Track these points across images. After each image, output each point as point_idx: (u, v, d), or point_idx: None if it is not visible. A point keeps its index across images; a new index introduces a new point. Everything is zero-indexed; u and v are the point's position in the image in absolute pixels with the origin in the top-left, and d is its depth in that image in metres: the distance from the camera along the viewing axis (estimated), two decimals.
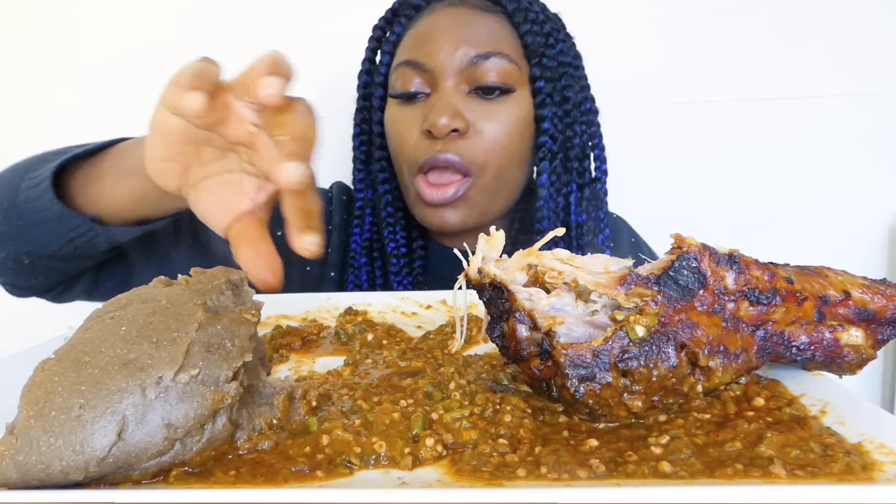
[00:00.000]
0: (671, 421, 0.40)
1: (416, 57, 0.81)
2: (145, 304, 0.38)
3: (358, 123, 0.92)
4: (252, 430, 0.38)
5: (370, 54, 0.90)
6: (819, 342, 0.43)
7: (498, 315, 0.42)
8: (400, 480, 0.34)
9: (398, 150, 0.84)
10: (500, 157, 0.81)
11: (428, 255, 0.92)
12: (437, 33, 0.81)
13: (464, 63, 0.78)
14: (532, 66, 0.82)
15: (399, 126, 0.83)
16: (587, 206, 0.88)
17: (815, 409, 0.41)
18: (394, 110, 0.84)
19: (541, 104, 0.82)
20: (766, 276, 0.43)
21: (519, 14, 0.82)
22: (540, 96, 0.82)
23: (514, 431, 0.38)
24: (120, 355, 0.34)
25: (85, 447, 0.32)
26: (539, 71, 0.82)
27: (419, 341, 0.58)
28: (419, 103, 0.82)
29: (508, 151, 0.81)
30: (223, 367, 0.36)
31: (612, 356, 0.38)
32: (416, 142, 0.81)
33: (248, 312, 0.40)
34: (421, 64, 0.80)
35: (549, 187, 0.85)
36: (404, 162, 0.83)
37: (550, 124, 0.83)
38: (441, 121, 0.76)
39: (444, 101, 0.78)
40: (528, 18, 0.82)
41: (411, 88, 0.81)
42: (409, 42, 0.84)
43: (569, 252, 0.43)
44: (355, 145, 0.92)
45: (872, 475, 0.33)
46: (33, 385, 0.34)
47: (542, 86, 0.82)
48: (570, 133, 0.86)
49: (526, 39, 0.82)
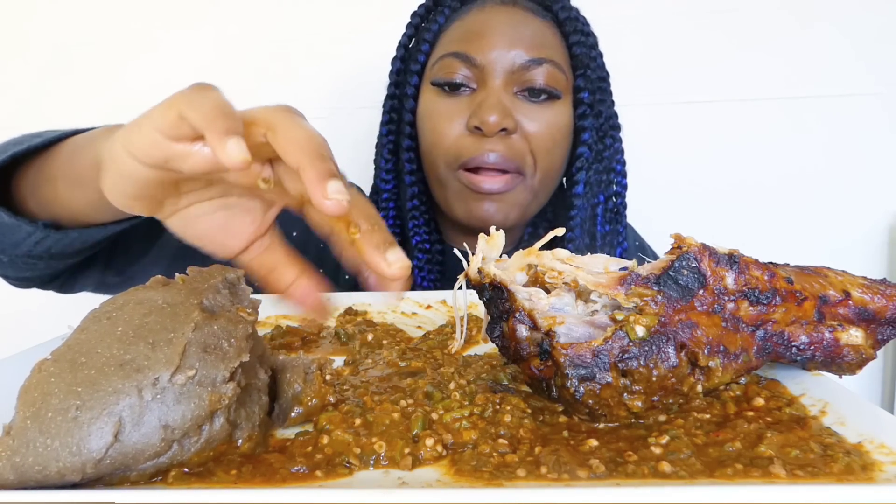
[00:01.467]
0: (671, 421, 0.40)
1: (466, 50, 0.80)
2: (141, 304, 0.38)
3: (388, 111, 0.90)
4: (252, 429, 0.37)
5: (406, 41, 0.89)
6: (819, 342, 0.43)
7: (498, 315, 0.42)
8: (400, 480, 0.34)
9: (435, 141, 0.82)
10: (544, 161, 0.82)
11: (445, 261, 0.91)
12: (490, 30, 0.80)
13: (516, 65, 0.78)
14: (577, 77, 0.83)
15: (438, 117, 0.82)
16: (610, 216, 0.90)
17: (815, 409, 0.41)
18: (433, 100, 0.83)
19: (582, 115, 0.83)
20: (766, 276, 0.43)
21: (570, 23, 0.83)
22: (582, 107, 0.83)
23: (514, 431, 0.38)
24: (116, 356, 0.34)
25: (81, 449, 0.32)
26: (583, 82, 0.83)
27: (419, 341, 0.58)
28: (463, 97, 0.81)
29: (552, 155, 0.82)
30: (220, 368, 0.35)
31: (612, 356, 0.38)
32: (458, 136, 0.80)
33: (244, 311, 0.40)
34: (471, 58, 0.79)
35: (584, 197, 0.86)
36: (441, 155, 0.82)
37: (590, 136, 0.84)
38: (492, 118, 0.76)
39: (495, 99, 0.78)
40: (577, 29, 0.83)
41: (456, 79, 0.80)
42: (457, 34, 0.83)
43: (569, 252, 0.43)
44: (382, 133, 0.90)
45: (872, 475, 0.33)
46: (30, 386, 0.34)
47: (585, 97, 0.83)
48: (601, 146, 0.88)
49: (574, 50, 0.83)
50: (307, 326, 0.62)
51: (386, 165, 0.90)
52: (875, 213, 1.25)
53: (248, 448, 0.37)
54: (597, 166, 0.88)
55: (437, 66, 0.82)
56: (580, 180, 0.85)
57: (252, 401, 0.39)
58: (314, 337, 0.61)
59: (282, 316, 0.66)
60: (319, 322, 0.46)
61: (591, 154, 0.85)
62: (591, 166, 0.86)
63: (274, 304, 0.65)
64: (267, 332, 0.61)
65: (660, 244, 1.00)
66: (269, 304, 0.59)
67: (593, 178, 0.87)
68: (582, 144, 0.84)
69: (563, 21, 0.84)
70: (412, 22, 0.89)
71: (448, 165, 0.81)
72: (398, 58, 0.89)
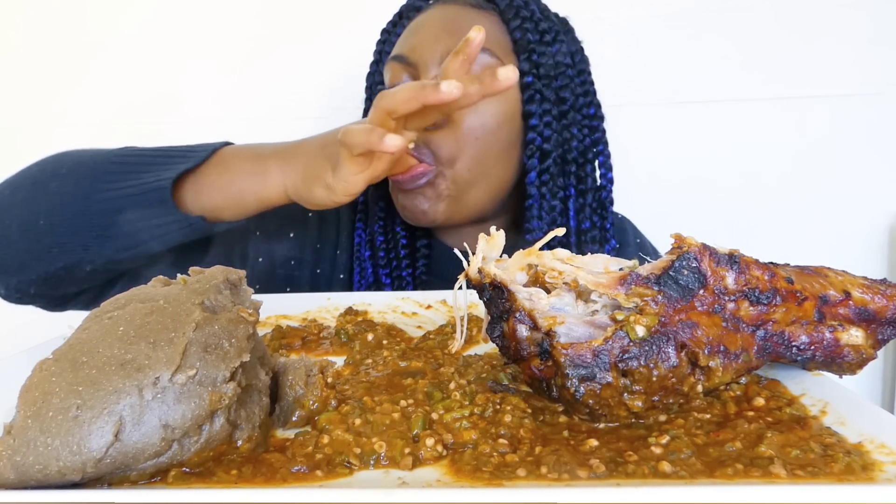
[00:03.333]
0: (671, 421, 0.40)
1: (401, 51, 0.81)
2: (143, 304, 0.38)
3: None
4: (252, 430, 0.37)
5: (377, 56, 0.91)
6: (819, 342, 0.43)
7: (498, 315, 0.42)
8: (400, 480, 0.34)
9: None
10: (473, 149, 0.79)
11: (431, 254, 0.91)
12: (422, 28, 0.82)
13: (444, 55, 0.77)
14: (520, 62, 0.81)
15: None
16: (590, 213, 0.87)
17: (815, 409, 0.41)
18: None
19: (529, 100, 0.81)
20: (767, 276, 0.43)
21: (510, 10, 0.83)
22: (528, 92, 0.81)
23: (515, 431, 0.38)
24: (117, 356, 0.34)
25: (82, 448, 0.32)
26: (527, 66, 0.81)
27: (419, 341, 0.58)
28: None
29: (483, 143, 0.80)
30: (220, 368, 0.35)
31: (612, 356, 0.38)
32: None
33: (245, 312, 0.40)
34: (405, 57, 0.80)
35: (541, 186, 0.83)
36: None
37: (539, 121, 0.82)
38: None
39: None
40: (518, 15, 0.82)
41: (398, 83, 0.80)
42: (400, 39, 0.84)
43: (569, 252, 0.43)
44: None
45: (872, 475, 0.33)
46: (31, 385, 0.34)
47: (529, 81, 0.81)
48: (567, 135, 0.85)
49: (515, 35, 0.82)
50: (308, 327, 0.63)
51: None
52: (875, 213, 1.24)
53: (247, 449, 0.37)
54: (562, 157, 0.85)
55: (384, 72, 0.83)
56: (532, 167, 0.82)
57: (252, 401, 0.39)
58: (314, 337, 0.61)
59: (282, 316, 0.66)
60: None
61: (544, 142, 0.82)
62: (547, 154, 0.83)
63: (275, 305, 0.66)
64: (267, 333, 0.61)
65: (660, 244, 1.00)
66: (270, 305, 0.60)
67: (553, 167, 0.84)
68: (531, 130, 0.82)
69: (503, 9, 0.83)
70: (381, 38, 0.91)
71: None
72: (370, 73, 0.91)
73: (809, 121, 1.22)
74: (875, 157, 1.22)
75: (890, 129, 1.21)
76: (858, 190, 1.23)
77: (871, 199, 1.24)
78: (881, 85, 1.20)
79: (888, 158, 1.22)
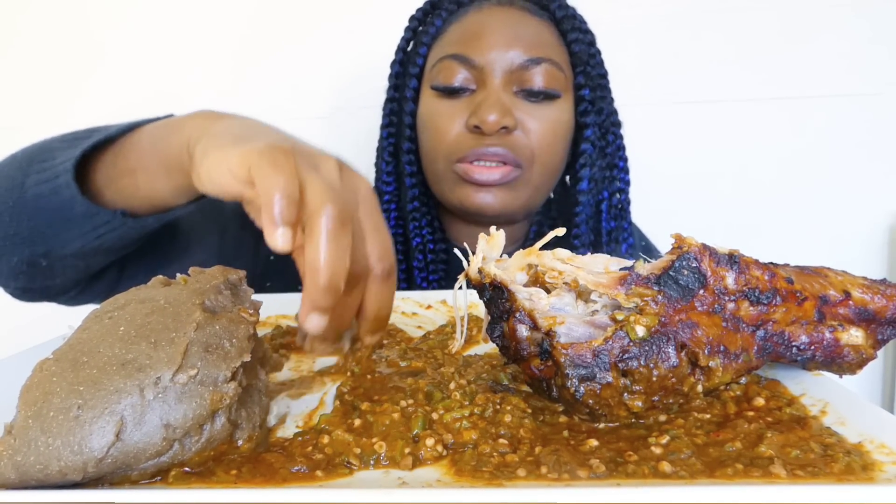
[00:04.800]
0: (671, 421, 0.40)
1: (464, 52, 0.80)
2: (143, 304, 0.38)
3: (387, 114, 0.91)
4: (253, 429, 0.38)
5: (404, 44, 0.90)
6: (819, 342, 0.43)
7: (498, 315, 0.42)
8: (400, 480, 0.34)
9: (435, 142, 0.83)
10: (545, 156, 0.82)
11: (449, 259, 0.91)
12: (488, 30, 0.81)
13: (514, 65, 0.79)
14: (577, 75, 0.84)
15: (439, 119, 0.82)
16: (614, 213, 0.90)
17: (815, 409, 0.41)
18: (433, 103, 0.83)
19: (584, 112, 0.84)
20: (767, 276, 0.43)
21: (567, 22, 0.84)
22: (583, 104, 0.84)
23: (515, 431, 0.38)
24: (118, 355, 0.34)
25: (83, 448, 0.32)
26: (584, 79, 0.84)
27: (419, 341, 0.58)
28: (463, 98, 0.81)
29: (552, 151, 0.83)
30: (221, 368, 0.35)
31: (612, 356, 0.38)
32: (457, 135, 0.81)
33: (246, 312, 0.40)
34: (470, 59, 0.80)
35: (588, 193, 0.87)
36: (441, 153, 0.83)
37: (592, 132, 0.85)
38: (491, 117, 0.77)
39: (494, 99, 0.79)
40: (575, 27, 0.84)
41: (455, 83, 0.80)
42: (455, 36, 0.83)
43: (569, 252, 0.43)
44: (383, 136, 0.91)
45: (872, 475, 0.33)
46: (31, 385, 0.34)
47: (586, 94, 0.84)
48: (603, 143, 0.88)
49: (573, 48, 0.84)
50: None
51: (387, 168, 0.91)
52: (875, 213, 1.24)
53: (248, 448, 0.37)
54: (600, 163, 0.89)
55: (436, 69, 0.82)
56: (584, 176, 0.86)
57: (253, 401, 0.39)
58: None
59: (282, 316, 0.66)
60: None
61: (594, 150, 0.86)
62: (594, 163, 0.87)
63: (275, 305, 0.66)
64: (267, 332, 0.61)
65: (660, 244, 1.01)
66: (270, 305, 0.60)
67: (597, 174, 0.88)
68: (585, 141, 0.85)
69: (560, 20, 0.84)
70: (410, 25, 0.89)
71: (448, 160, 0.82)
72: (397, 61, 0.89)
73: (809, 121, 1.22)
74: (874, 157, 1.22)
75: (889, 130, 1.21)
76: (858, 190, 1.23)
77: (871, 199, 1.24)
78: (880, 85, 1.20)
79: (888, 158, 1.22)
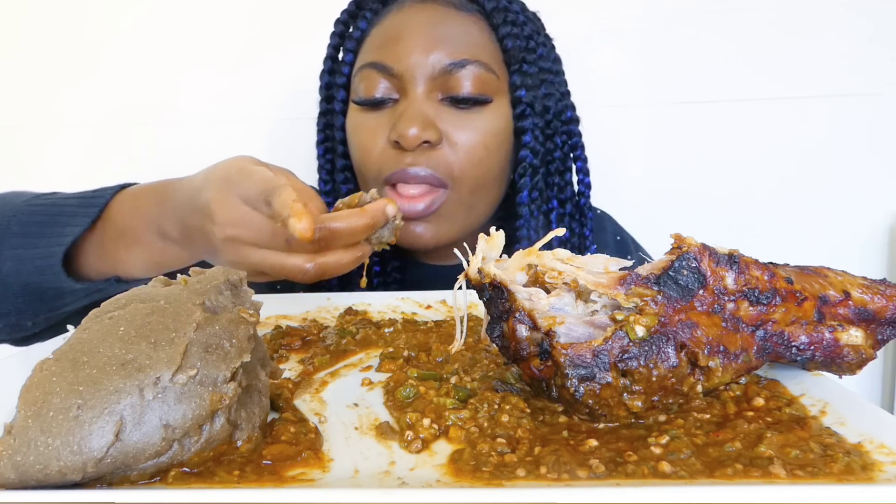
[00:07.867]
0: (671, 421, 0.40)
1: (382, 59, 0.73)
2: (144, 304, 0.38)
3: (321, 129, 0.84)
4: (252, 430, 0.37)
5: (332, 52, 0.82)
6: (819, 342, 0.43)
7: (498, 315, 0.42)
8: (400, 480, 0.34)
9: (362, 160, 0.76)
10: (477, 171, 0.74)
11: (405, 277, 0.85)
12: (407, 33, 0.73)
13: (436, 70, 0.71)
14: (512, 74, 0.75)
15: (363, 134, 0.75)
16: (569, 221, 0.82)
17: (815, 409, 0.41)
18: (357, 116, 0.77)
19: (521, 115, 0.76)
20: (766, 276, 0.43)
21: (498, 14, 0.75)
22: (520, 107, 0.75)
23: (514, 431, 0.38)
24: (118, 356, 0.34)
25: (83, 448, 0.32)
26: (520, 79, 0.75)
27: None
28: (386, 110, 0.74)
29: (485, 164, 0.74)
30: (221, 368, 0.35)
31: (611, 356, 0.38)
32: (381, 152, 0.74)
33: (246, 312, 0.40)
34: (388, 67, 0.72)
35: (530, 205, 0.77)
36: (369, 173, 0.76)
37: (531, 137, 0.76)
38: (411, 131, 0.69)
39: (414, 110, 0.71)
40: (507, 20, 0.75)
41: (376, 94, 0.73)
42: (375, 41, 0.76)
43: (569, 252, 0.43)
44: (319, 153, 0.85)
45: (872, 475, 0.33)
46: (31, 385, 0.34)
47: (522, 95, 0.75)
48: (550, 145, 0.80)
49: (506, 44, 0.75)
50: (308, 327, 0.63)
51: (325, 187, 0.84)
52: (875, 213, 1.24)
53: (247, 449, 0.37)
54: (544, 170, 0.80)
55: (357, 79, 0.76)
56: (524, 186, 0.76)
57: (253, 402, 0.39)
58: (314, 337, 0.61)
59: (282, 316, 0.66)
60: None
61: (534, 158, 0.77)
62: (537, 170, 0.78)
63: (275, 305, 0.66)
64: (267, 333, 0.61)
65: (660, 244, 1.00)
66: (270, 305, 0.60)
67: (541, 182, 0.79)
68: (524, 147, 0.76)
69: (490, 13, 0.75)
70: (335, 31, 0.82)
71: (375, 183, 0.75)
72: (325, 71, 0.83)
73: (809, 121, 1.22)
74: (875, 158, 1.22)
75: (889, 130, 1.21)
76: (858, 190, 1.23)
77: (871, 199, 1.24)
78: (880, 85, 1.20)
79: (888, 159, 1.22)
